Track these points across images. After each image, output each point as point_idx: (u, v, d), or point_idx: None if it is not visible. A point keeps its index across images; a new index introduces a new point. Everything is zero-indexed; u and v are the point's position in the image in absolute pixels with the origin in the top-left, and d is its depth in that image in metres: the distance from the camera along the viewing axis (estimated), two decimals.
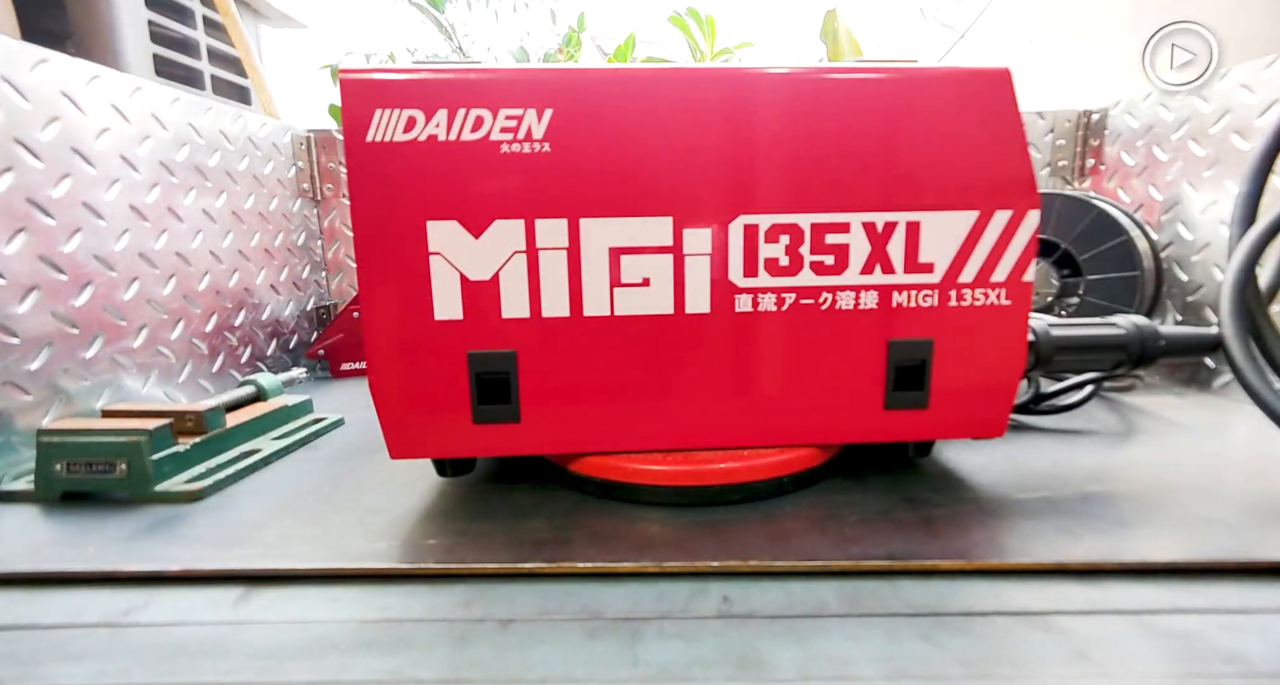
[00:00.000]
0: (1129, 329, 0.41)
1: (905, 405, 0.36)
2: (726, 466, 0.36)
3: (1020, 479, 0.39)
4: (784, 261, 0.34)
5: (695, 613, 0.27)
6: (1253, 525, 0.32)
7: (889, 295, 0.35)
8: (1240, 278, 0.39)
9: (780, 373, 0.36)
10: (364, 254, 0.33)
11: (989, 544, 0.31)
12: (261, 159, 0.69)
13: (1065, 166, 0.77)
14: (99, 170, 0.48)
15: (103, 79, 0.49)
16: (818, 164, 0.34)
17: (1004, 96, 0.33)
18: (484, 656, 0.24)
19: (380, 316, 0.34)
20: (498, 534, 0.33)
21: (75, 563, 0.31)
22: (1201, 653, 0.24)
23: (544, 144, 0.33)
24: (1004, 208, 0.34)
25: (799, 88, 0.33)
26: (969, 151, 0.34)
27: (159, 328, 0.54)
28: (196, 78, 0.99)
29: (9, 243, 0.42)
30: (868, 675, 0.23)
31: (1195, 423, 0.50)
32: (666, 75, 0.33)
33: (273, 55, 1.30)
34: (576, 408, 0.36)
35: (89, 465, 0.38)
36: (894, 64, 0.34)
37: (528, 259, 0.34)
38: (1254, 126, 0.55)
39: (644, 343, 0.35)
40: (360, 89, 0.32)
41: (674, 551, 0.31)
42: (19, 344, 0.42)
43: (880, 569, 0.29)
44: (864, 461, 0.41)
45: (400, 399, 0.35)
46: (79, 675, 0.24)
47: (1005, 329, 0.36)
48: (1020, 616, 0.26)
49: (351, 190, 0.33)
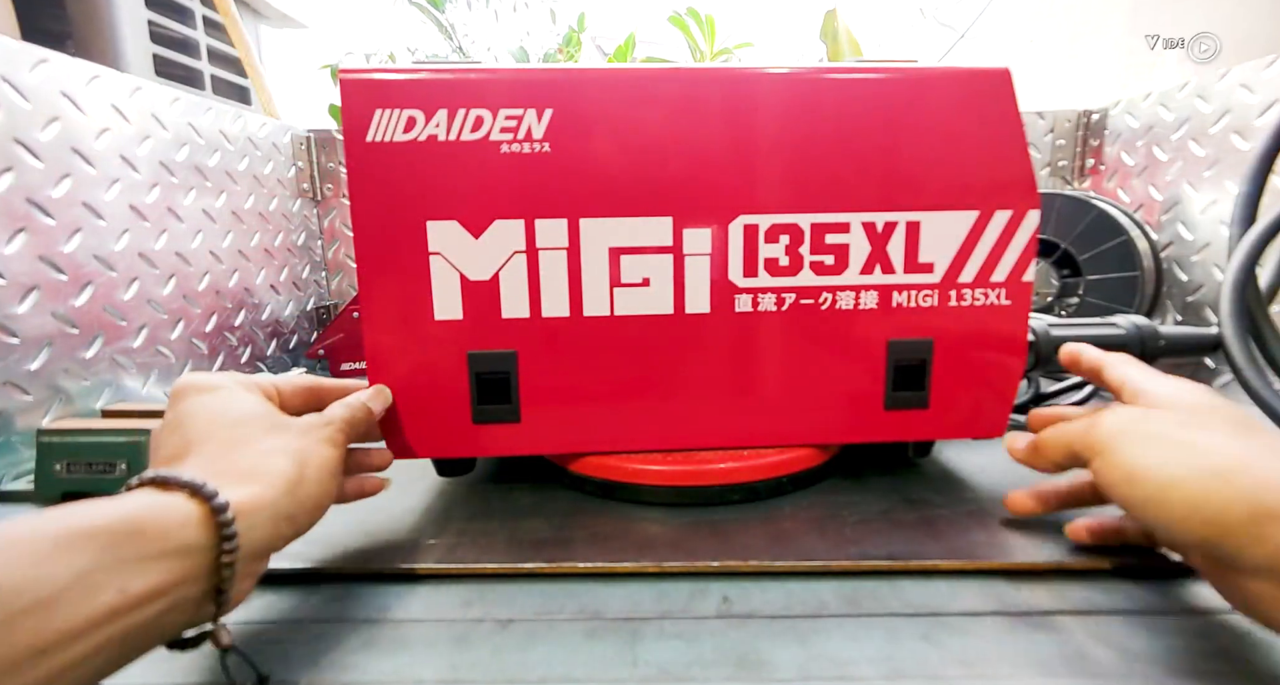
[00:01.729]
0: (1129, 329, 0.41)
1: (905, 405, 0.36)
2: (726, 466, 0.36)
3: (1020, 479, 0.39)
4: (784, 261, 0.34)
5: (695, 613, 0.27)
6: None
7: (889, 295, 0.35)
8: (1240, 277, 0.39)
9: (780, 373, 0.36)
10: (364, 254, 0.33)
11: (989, 544, 0.31)
12: (261, 159, 0.69)
13: (1065, 166, 0.77)
14: (99, 170, 0.48)
15: (103, 79, 0.49)
16: (817, 164, 0.34)
17: (1004, 96, 0.33)
18: (484, 656, 0.24)
19: (380, 316, 0.34)
20: (498, 534, 0.33)
21: None
22: (1201, 652, 0.24)
23: (544, 144, 0.33)
24: (1004, 208, 0.34)
25: (799, 88, 0.33)
26: (969, 151, 0.34)
27: (159, 328, 0.54)
28: (196, 78, 0.99)
29: (9, 243, 0.42)
30: (867, 675, 0.23)
31: None
32: (666, 75, 0.33)
33: (273, 55, 1.30)
34: (576, 408, 0.36)
35: (89, 465, 0.38)
36: (894, 64, 0.34)
37: (527, 259, 0.34)
38: (1254, 126, 0.55)
39: (644, 343, 0.35)
40: (360, 89, 0.32)
41: (674, 551, 0.31)
42: (19, 344, 0.42)
43: (880, 569, 0.29)
44: (864, 462, 0.41)
45: (400, 399, 0.35)
46: None
47: (1005, 329, 0.36)
48: (1020, 616, 0.26)
49: (351, 190, 0.33)
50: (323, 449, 0.27)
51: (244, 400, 0.27)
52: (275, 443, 0.26)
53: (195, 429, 0.25)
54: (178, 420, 0.26)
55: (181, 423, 0.26)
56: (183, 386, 0.27)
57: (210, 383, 0.28)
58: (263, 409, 0.27)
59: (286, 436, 0.26)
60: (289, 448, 0.26)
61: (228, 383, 0.28)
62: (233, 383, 0.28)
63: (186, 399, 0.27)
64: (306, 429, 0.28)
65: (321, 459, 0.27)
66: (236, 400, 0.27)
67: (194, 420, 0.26)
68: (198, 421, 0.26)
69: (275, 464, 0.25)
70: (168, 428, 0.26)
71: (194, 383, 0.28)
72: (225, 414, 0.26)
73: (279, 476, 0.24)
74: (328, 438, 0.28)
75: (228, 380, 0.28)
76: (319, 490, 0.26)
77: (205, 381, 0.28)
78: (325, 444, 0.28)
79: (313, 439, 0.27)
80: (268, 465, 0.24)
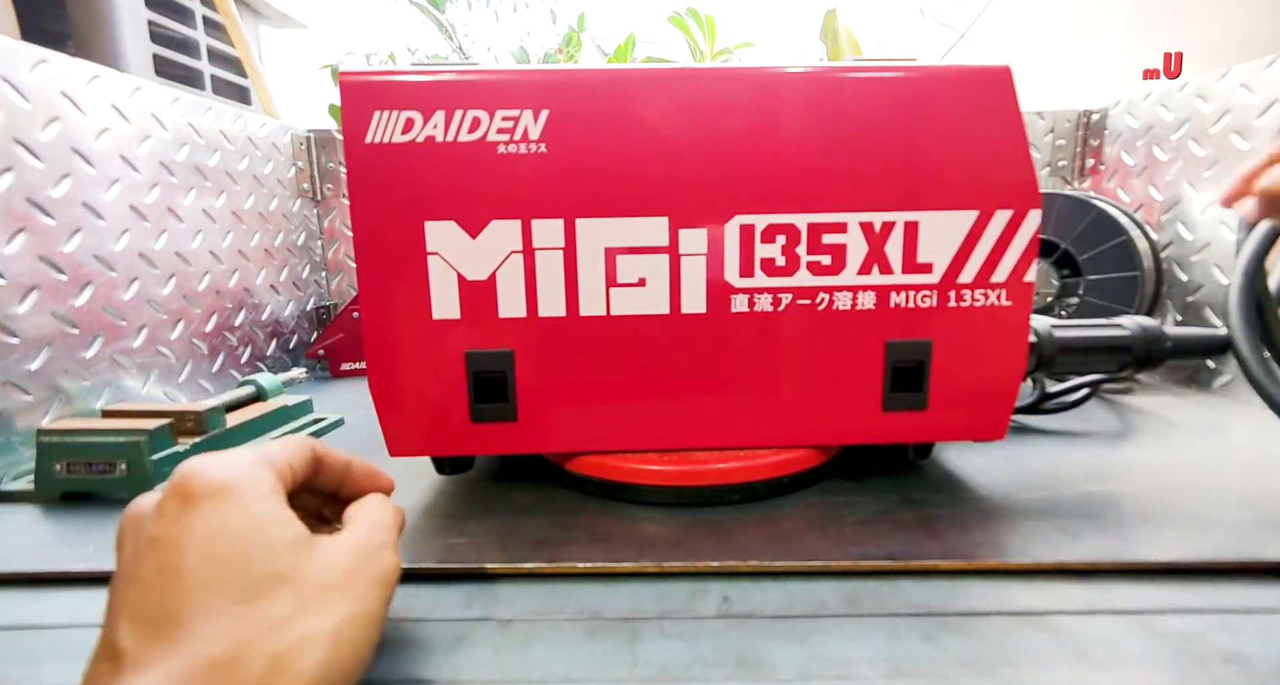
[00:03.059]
0: (1134, 330, 0.41)
1: (903, 407, 0.36)
2: (726, 466, 0.36)
3: (1020, 479, 0.39)
4: (780, 261, 0.34)
5: (695, 613, 0.27)
6: (1252, 525, 0.32)
7: (887, 296, 0.35)
8: (1248, 277, 0.38)
9: (776, 373, 0.36)
10: (363, 254, 0.33)
11: (989, 544, 0.31)
12: (261, 159, 0.69)
13: (1065, 166, 0.77)
14: (99, 170, 0.48)
15: (102, 79, 0.49)
16: (815, 163, 0.34)
17: (1004, 95, 0.33)
18: (484, 656, 0.24)
19: (379, 316, 0.34)
20: (498, 534, 0.33)
21: (75, 563, 0.31)
22: (1201, 653, 0.24)
23: (540, 144, 0.33)
24: (1004, 207, 0.34)
25: (797, 87, 0.33)
26: (969, 150, 0.34)
27: (159, 328, 0.54)
28: (196, 78, 0.99)
29: (9, 243, 0.42)
30: (868, 675, 0.23)
31: (1195, 423, 0.50)
32: (661, 75, 0.33)
33: (273, 55, 1.30)
34: (573, 407, 0.36)
35: (89, 465, 0.38)
36: (893, 63, 0.34)
37: (524, 259, 0.34)
38: (1254, 126, 0.55)
39: (640, 343, 0.35)
40: (359, 90, 0.32)
41: (674, 551, 0.31)
42: (19, 344, 0.42)
43: (880, 569, 0.29)
44: (864, 462, 0.41)
45: (399, 398, 0.35)
46: (79, 675, 0.24)
47: (1006, 330, 0.35)
48: (1020, 616, 0.26)
49: (351, 191, 0.33)
50: (374, 595, 0.20)
51: (266, 518, 0.20)
52: (313, 612, 0.19)
53: (193, 577, 0.18)
54: (169, 551, 0.18)
55: (173, 563, 0.18)
56: (187, 486, 0.19)
57: (224, 484, 0.20)
58: (290, 533, 0.20)
59: (326, 595, 0.19)
60: (325, 625, 0.18)
61: (244, 481, 0.20)
62: (250, 476, 0.20)
63: (192, 511, 0.19)
64: (356, 565, 0.20)
65: (369, 614, 0.20)
66: (256, 520, 0.19)
67: (192, 559, 0.18)
68: (197, 563, 0.18)
69: (303, 662, 0.18)
70: (154, 553, 0.18)
71: (202, 483, 0.19)
72: (240, 548, 0.19)
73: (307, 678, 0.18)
74: (386, 572, 0.21)
75: (245, 474, 0.20)
76: (357, 671, 0.19)
77: (218, 481, 0.20)
78: (381, 585, 0.21)
79: (363, 582, 0.20)
80: (294, 664, 0.17)
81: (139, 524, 0.20)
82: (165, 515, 0.19)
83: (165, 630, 0.17)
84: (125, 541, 0.20)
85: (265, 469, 0.21)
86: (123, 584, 0.19)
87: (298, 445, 0.24)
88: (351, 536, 0.22)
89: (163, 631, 0.17)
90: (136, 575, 0.18)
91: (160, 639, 0.17)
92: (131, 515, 0.20)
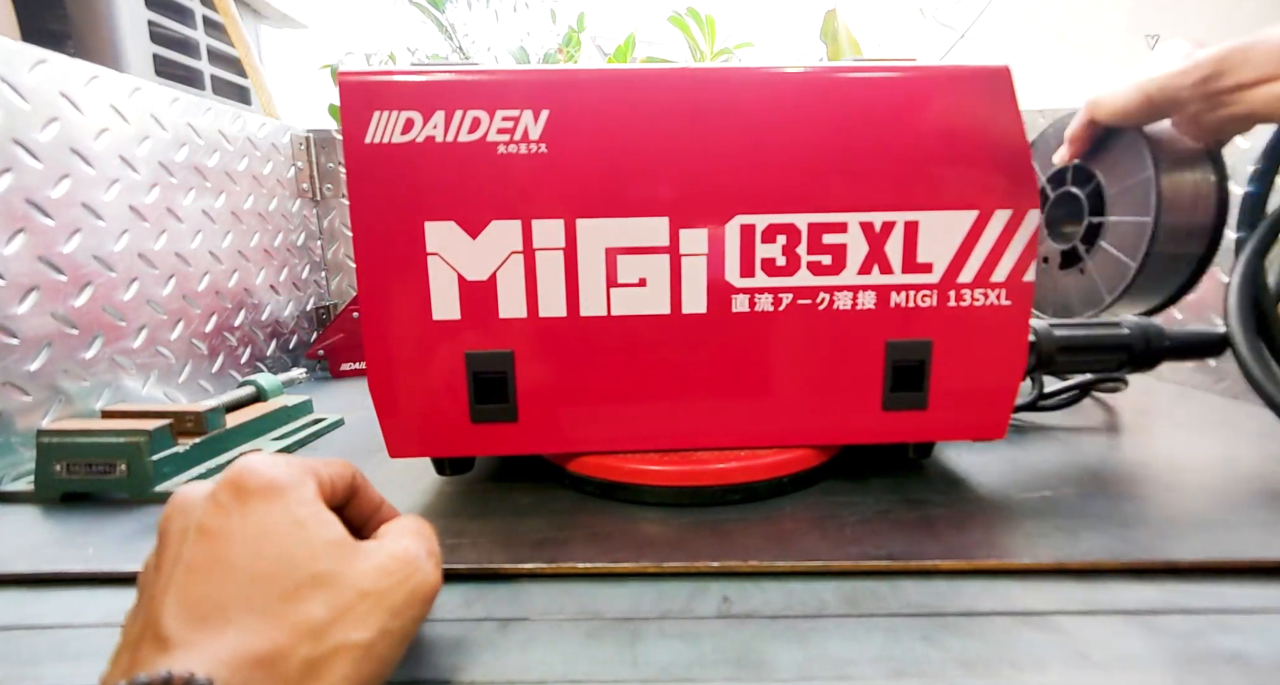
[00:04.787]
0: (1133, 329, 0.41)
1: (904, 406, 0.36)
2: (726, 466, 0.36)
3: (1020, 478, 0.39)
4: (781, 261, 0.34)
5: (695, 613, 0.27)
6: (1252, 524, 0.32)
7: (887, 295, 0.35)
8: (1247, 278, 0.38)
9: (777, 373, 0.36)
10: (363, 254, 0.33)
11: (989, 544, 0.31)
12: (261, 159, 0.69)
13: None
14: (98, 171, 0.48)
15: (102, 79, 0.49)
16: (815, 163, 0.34)
17: (1004, 94, 0.33)
18: (484, 656, 0.24)
19: (379, 316, 0.34)
20: (498, 534, 0.33)
21: (75, 563, 0.31)
22: (1201, 653, 0.24)
23: (540, 145, 0.33)
24: (1004, 207, 0.34)
25: (797, 87, 0.33)
26: (968, 150, 0.34)
27: (159, 328, 0.54)
28: (196, 78, 0.99)
29: (8, 243, 0.42)
30: (868, 675, 0.23)
31: (1195, 422, 0.50)
32: (661, 75, 0.33)
33: (273, 55, 1.30)
34: (573, 408, 0.36)
35: (89, 466, 0.38)
36: (893, 63, 0.34)
37: (524, 259, 0.34)
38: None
39: (641, 343, 0.35)
40: (359, 91, 0.32)
41: (674, 551, 0.31)
42: (19, 344, 0.42)
43: (880, 569, 0.29)
44: (864, 461, 0.41)
45: (399, 398, 0.35)
46: (79, 675, 0.24)
47: (1005, 330, 0.35)
48: (1020, 616, 0.26)
49: (350, 191, 0.33)
50: (410, 614, 0.20)
51: (311, 519, 0.20)
52: (349, 622, 0.19)
53: (241, 571, 0.18)
54: (219, 543, 0.19)
55: (223, 555, 0.19)
56: (241, 481, 0.20)
57: (275, 483, 0.20)
58: (333, 534, 0.20)
59: (364, 602, 0.19)
60: (359, 638, 0.19)
61: (293, 483, 0.21)
62: (299, 480, 0.21)
63: (244, 506, 0.19)
64: (397, 570, 0.20)
65: (402, 631, 0.20)
66: (300, 521, 0.20)
67: (240, 553, 0.19)
68: (245, 558, 0.19)
69: (334, 674, 0.18)
70: (205, 542, 0.19)
71: (257, 480, 0.20)
72: (285, 547, 0.19)
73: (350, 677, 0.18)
74: (425, 586, 0.21)
75: (295, 478, 0.21)
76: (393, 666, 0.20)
77: (270, 480, 0.20)
78: (419, 601, 0.21)
79: (403, 593, 0.20)
80: (326, 674, 0.18)
81: (189, 512, 0.20)
82: (219, 507, 0.20)
83: (211, 620, 0.17)
84: (172, 527, 0.20)
85: (311, 477, 0.22)
86: (169, 565, 0.19)
87: (342, 467, 0.24)
88: (394, 542, 0.22)
89: (209, 620, 0.17)
90: (186, 561, 0.19)
91: (207, 626, 0.17)
92: (180, 502, 0.21)
